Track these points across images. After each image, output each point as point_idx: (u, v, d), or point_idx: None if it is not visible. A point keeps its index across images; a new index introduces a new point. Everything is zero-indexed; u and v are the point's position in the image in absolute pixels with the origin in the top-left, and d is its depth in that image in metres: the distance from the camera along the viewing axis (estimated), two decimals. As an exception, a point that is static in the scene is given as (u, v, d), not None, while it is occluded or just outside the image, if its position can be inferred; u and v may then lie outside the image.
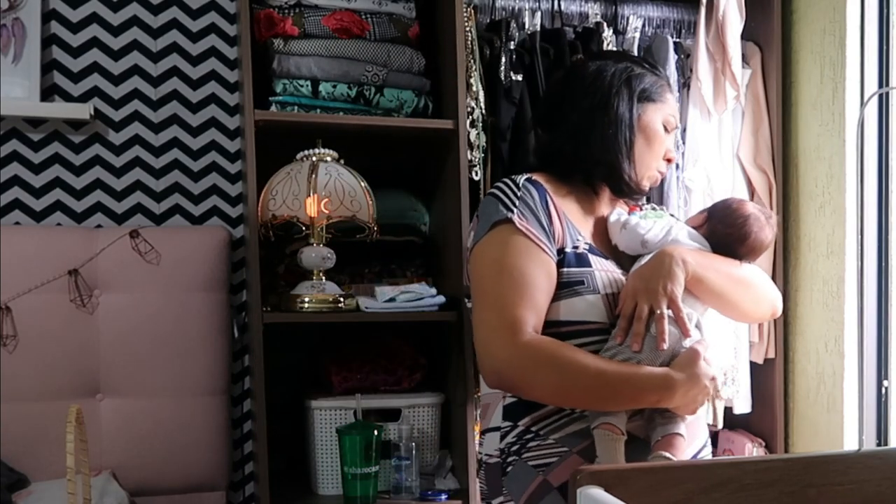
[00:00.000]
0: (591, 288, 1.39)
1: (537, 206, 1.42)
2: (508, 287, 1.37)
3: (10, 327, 2.13)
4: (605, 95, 1.49)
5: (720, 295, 1.46)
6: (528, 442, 1.38)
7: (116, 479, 2.12)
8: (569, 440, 1.37)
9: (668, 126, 1.54)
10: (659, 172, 1.56)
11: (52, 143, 2.31)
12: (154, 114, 2.39)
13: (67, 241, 2.21)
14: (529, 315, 1.35)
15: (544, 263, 1.39)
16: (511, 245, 1.39)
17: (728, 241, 1.50)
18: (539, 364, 1.34)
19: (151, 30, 2.38)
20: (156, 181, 2.39)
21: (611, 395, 1.33)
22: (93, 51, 2.33)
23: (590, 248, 1.45)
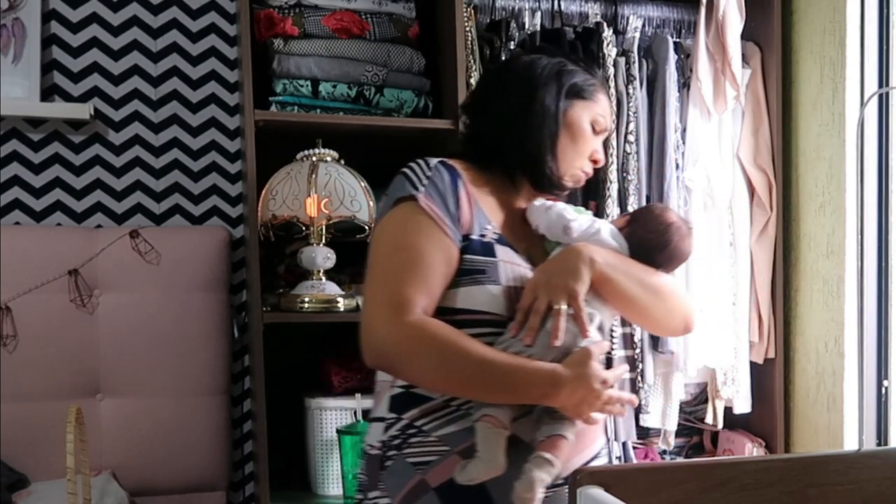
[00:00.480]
0: (493, 278, 1.34)
1: (445, 188, 1.37)
2: (402, 265, 1.32)
3: (10, 327, 2.13)
4: (532, 87, 1.45)
5: (629, 300, 1.40)
6: (410, 437, 1.33)
7: (116, 479, 2.13)
8: (451, 438, 1.31)
9: (597, 126, 1.49)
10: (583, 172, 1.50)
11: (52, 143, 2.31)
12: (154, 114, 2.39)
13: (67, 241, 2.21)
14: (420, 296, 1.30)
15: (445, 246, 1.33)
16: (411, 223, 1.34)
17: (647, 247, 1.45)
18: (420, 345, 1.28)
19: (151, 30, 2.38)
20: (156, 181, 2.39)
21: (492, 385, 1.28)
22: (93, 51, 2.33)
23: (498, 238, 1.39)
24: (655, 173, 2.28)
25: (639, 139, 2.27)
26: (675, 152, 2.29)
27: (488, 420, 1.27)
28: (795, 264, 2.41)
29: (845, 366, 2.24)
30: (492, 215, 1.43)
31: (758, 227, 2.39)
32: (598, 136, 1.50)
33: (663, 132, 2.27)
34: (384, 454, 1.35)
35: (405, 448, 1.33)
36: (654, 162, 2.29)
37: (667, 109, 2.27)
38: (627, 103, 2.25)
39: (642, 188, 2.28)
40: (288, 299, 2.06)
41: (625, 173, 2.25)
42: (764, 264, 2.39)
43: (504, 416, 1.27)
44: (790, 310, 2.42)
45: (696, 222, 2.32)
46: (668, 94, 2.27)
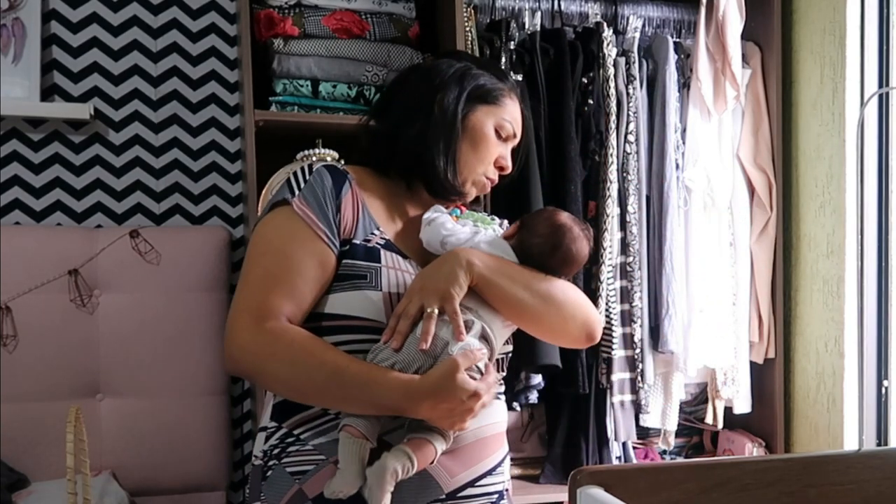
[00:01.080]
0: (373, 284, 1.29)
1: (325, 193, 1.32)
2: (269, 270, 1.29)
3: (10, 327, 2.13)
4: (432, 90, 1.40)
5: (515, 305, 1.34)
6: (288, 446, 1.30)
7: (116, 479, 2.13)
8: (327, 448, 1.27)
9: (503, 131, 1.43)
10: (487, 179, 1.45)
11: (52, 143, 2.31)
12: (154, 114, 2.39)
13: (67, 241, 2.21)
14: (284, 302, 1.27)
15: (318, 252, 1.29)
16: (284, 228, 1.31)
17: (537, 251, 1.38)
18: (274, 354, 1.25)
19: (151, 30, 2.38)
20: (156, 181, 2.39)
21: (347, 396, 1.23)
22: (93, 51, 2.33)
23: (385, 244, 1.35)
24: (655, 173, 2.28)
25: (639, 139, 2.27)
26: (675, 152, 2.29)
27: (348, 430, 1.23)
28: (795, 264, 2.41)
29: (845, 366, 2.24)
30: (382, 220, 1.38)
31: (758, 227, 2.39)
32: (505, 142, 1.45)
33: (663, 132, 2.27)
34: (265, 464, 1.32)
35: (283, 457, 1.30)
36: (654, 162, 2.29)
37: (667, 109, 2.27)
38: (627, 103, 2.25)
39: (642, 188, 2.28)
40: (288, 299, 2.06)
41: (625, 173, 2.25)
42: (764, 264, 2.39)
43: (367, 427, 1.23)
44: (790, 310, 2.42)
45: (696, 222, 2.32)
46: (668, 94, 2.27)
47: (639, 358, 2.26)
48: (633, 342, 2.26)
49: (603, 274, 2.21)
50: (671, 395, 2.34)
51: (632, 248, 2.26)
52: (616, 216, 2.25)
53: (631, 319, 2.26)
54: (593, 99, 2.23)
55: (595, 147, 2.24)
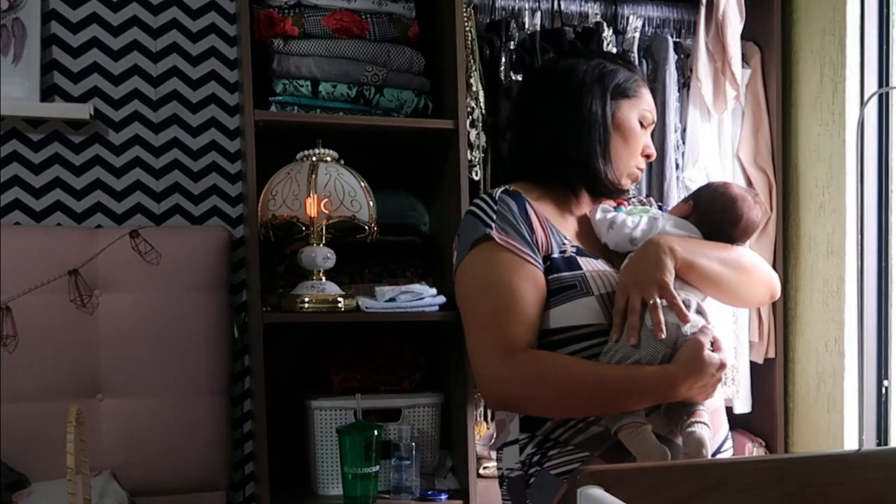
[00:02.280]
0: (584, 290, 1.36)
1: (517, 218, 1.39)
2: (497, 305, 1.35)
3: (10, 327, 2.13)
4: (576, 94, 1.45)
5: (714, 280, 1.41)
6: (548, 451, 1.36)
7: (116, 479, 2.12)
8: (590, 444, 1.34)
9: (645, 122, 1.50)
10: (638, 169, 1.52)
11: (52, 143, 2.31)
12: (154, 114, 2.39)
13: (67, 241, 2.21)
14: (521, 331, 1.33)
15: (531, 275, 1.36)
16: (494, 262, 1.37)
17: (719, 226, 1.47)
18: (536, 382, 1.32)
19: (151, 30, 2.38)
20: (156, 181, 2.39)
21: (613, 401, 1.31)
22: (93, 51, 2.33)
23: (577, 251, 1.41)
24: (655, 173, 2.28)
25: (639, 139, 2.27)
26: (675, 152, 2.29)
27: (627, 428, 1.29)
28: (795, 264, 2.41)
29: (845, 366, 2.24)
30: (564, 229, 1.44)
31: (758, 227, 2.39)
32: (646, 130, 1.51)
33: (663, 132, 2.27)
34: (526, 472, 1.38)
35: (546, 462, 1.36)
36: (654, 162, 2.29)
37: (667, 109, 2.27)
38: (627, 103, 2.25)
39: (642, 188, 2.28)
40: (288, 299, 2.06)
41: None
42: (764, 264, 2.38)
43: (637, 416, 1.31)
44: (790, 310, 2.42)
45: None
46: (668, 94, 2.27)
47: (639, 358, 2.26)
48: (633, 342, 2.26)
49: (603, 274, 2.21)
50: (671, 395, 2.33)
51: (632, 248, 2.25)
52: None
53: (631, 319, 2.26)
54: (593, 99, 2.23)
55: (595, 147, 2.24)
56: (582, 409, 1.33)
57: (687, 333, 1.32)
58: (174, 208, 2.40)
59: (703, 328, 1.34)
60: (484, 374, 1.35)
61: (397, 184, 2.33)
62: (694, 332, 1.33)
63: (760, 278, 1.49)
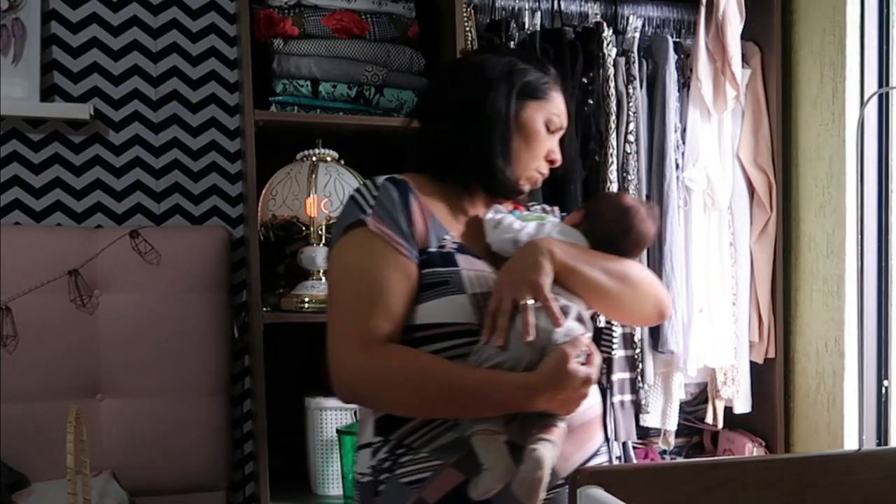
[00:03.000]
0: (457, 288, 1.30)
1: (395, 206, 1.33)
2: (360, 293, 1.29)
3: (10, 327, 2.13)
4: (482, 89, 1.40)
5: (596, 289, 1.36)
6: (400, 457, 1.29)
7: (116, 479, 2.13)
8: (443, 452, 1.27)
9: (552, 125, 1.44)
10: (539, 174, 1.46)
11: (52, 143, 2.31)
12: (154, 114, 2.39)
13: (67, 241, 2.21)
14: (383, 323, 1.27)
15: (402, 266, 1.30)
16: (364, 249, 1.31)
17: (609, 236, 1.41)
18: (389, 378, 1.26)
19: (151, 30, 2.38)
20: (156, 181, 2.39)
21: (467, 405, 1.25)
22: (93, 51, 2.33)
23: (458, 247, 1.35)
24: (655, 173, 2.28)
25: (639, 139, 2.27)
26: (675, 152, 2.29)
27: (481, 434, 1.24)
28: (795, 264, 2.41)
29: (845, 366, 2.24)
30: (449, 225, 1.39)
31: (758, 227, 2.39)
32: (553, 135, 1.46)
33: (663, 132, 2.27)
34: (376, 479, 1.32)
35: (396, 469, 1.29)
36: (654, 162, 2.29)
37: (667, 109, 2.27)
38: (627, 103, 2.25)
39: (642, 188, 2.28)
40: (288, 299, 2.06)
41: (625, 173, 2.25)
42: (764, 264, 2.39)
43: (495, 424, 1.25)
44: (790, 310, 2.42)
45: (696, 222, 2.32)
46: (668, 94, 2.27)
47: (639, 358, 2.26)
48: (633, 342, 2.26)
49: (603, 274, 2.21)
50: (671, 395, 2.33)
51: (632, 248, 2.25)
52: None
53: (631, 319, 2.26)
54: (593, 99, 2.23)
55: (595, 147, 2.24)
56: (434, 409, 1.27)
57: (557, 341, 1.25)
58: (174, 208, 2.40)
59: (575, 339, 1.27)
60: (336, 363, 1.29)
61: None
62: (565, 341, 1.26)
63: (647, 293, 1.43)
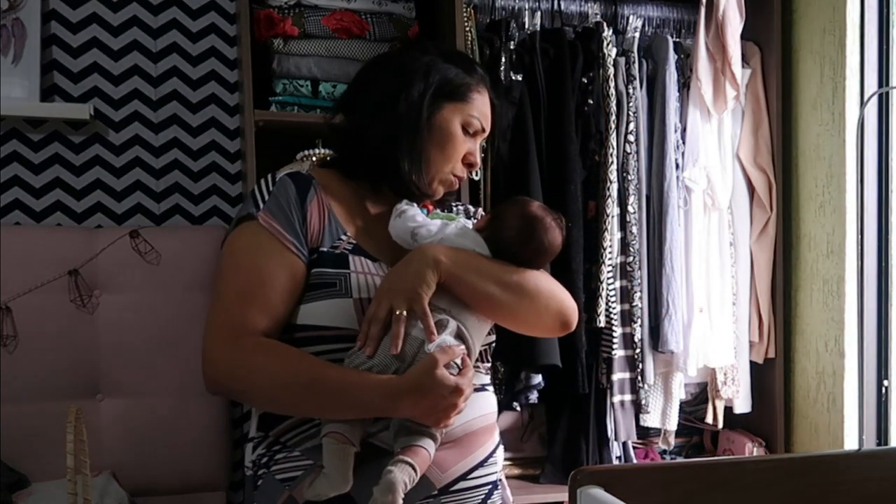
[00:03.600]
0: (343, 291, 1.27)
1: (290, 202, 1.30)
2: (241, 286, 1.27)
3: (10, 327, 2.13)
4: (397, 88, 1.35)
5: (488, 300, 1.31)
6: (275, 454, 1.30)
7: (116, 479, 2.12)
8: (315, 452, 1.25)
9: (470, 128, 1.39)
10: (455, 177, 1.41)
11: (52, 143, 2.31)
12: (154, 114, 2.39)
13: (67, 241, 2.21)
14: (259, 317, 1.26)
15: (288, 263, 1.28)
16: (252, 242, 1.29)
17: (509, 244, 1.35)
18: (252, 370, 1.24)
19: (151, 30, 2.38)
20: (156, 181, 2.39)
21: (325, 404, 1.22)
22: (93, 51, 2.33)
23: (353, 249, 1.32)
24: (655, 173, 2.28)
25: (639, 139, 2.27)
26: (675, 152, 2.29)
27: (333, 436, 1.22)
28: (795, 264, 2.41)
29: (845, 366, 2.24)
30: (348, 224, 1.36)
31: (758, 227, 2.39)
32: (473, 137, 1.41)
33: (663, 132, 2.27)
34: (255, 473, 1.32)
35: (272, 465, 1.30)
36: (654, 162, 2.29)
37: (667, 109, 2.27)
38: (627, 103, 2.25)
39: (642, 188, 2.28)
40: (288, 299, 2.06)
41: (625, 173, 2.25)
42: (764, 264, 2.39)
43: (351, 431, 1.23)
44: (790, 310, 2.42)
45: (696, 222, 2.32)
46: (668, 94, 2.27)
47: (639, 358, 2.26)
48: (633, 342, 2.26)
49: (603, 274, 2.21)
50: (671, 395, 2.34)
51: (632, 248, 2.26)
52: (616, 216, 2.25)
53: (631, 319, 2.26)
54: (593, 99, 2.23)
55: (595, 147, 2.24)
56: (298, 406, 1.26)
57: (429, 351, 1.22)
58: (174, 208, 2.40)
59: (448, 347, 1.24)
60: (206, 353, 1.27)
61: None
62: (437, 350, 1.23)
63: (546, 306, 1.37)
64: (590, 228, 2.23)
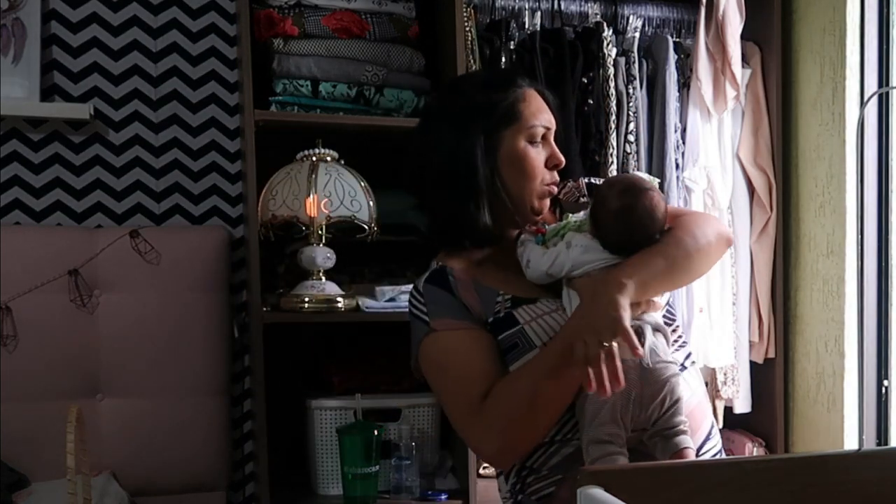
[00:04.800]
0: (526, 346, 1.33)
1: (446, 300, 1.38)
2: (458, 375, 1.35)
3: (10, 327, 2.13)
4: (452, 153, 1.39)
5: (679, 282, 1.37)
6: (526, 478, 1.37)
7: (116, 479, 2.12)
8: (562, 466, 1.33)
9: (536, 137, 1.39)
10: (547, 187, 1.42)
11: (52, 143, 2.31)
12: (154, 114, 2.39)
13: (67, 241, 2.21)
14: (481, 386, 1.32)
15: (479, 336, 1.36)
16: (441, 347, 1.37)
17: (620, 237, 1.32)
18: (497, 412, 1.30)
19: (151, 30, 2.38)
20: (156, 181, 2.39)
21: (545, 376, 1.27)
22: (93, 51, 2.33)
23: (511, 304, 1.36)
24: (655, 173, 2.28)
25: (639, 139, 2.27)
26: (675, 152, 2.29)
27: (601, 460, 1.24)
28: (795, 264, 2.41)
29: (845, 366, 2.24)
30: (496, 283, 1.39)
31: (758, 227, 2.39)
32: (542, 143, 1.42)
33: (663, 132, 2.27)
34: (515, 500, 1.40)
35: (527, 489, 1.36)
36: (654, 162, 2.29)
37: (667, 109, 2.27)
38: (627, 103, 2.25)
39: (642, 188, 2.28)
40: (288, 299, 2.06)
41: (625, 173, 2.25)
42: (764, 264, 2.39)
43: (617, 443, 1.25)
44: (790, 310, 2.42)
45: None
46: (668, 94, 2.28)
47: (639, 358, 2.26)
48: (633, 342, 2.26)
49: (603, 274, 2.21)
50: (671, 395, 2.33)
51: (632, 248, 2.25)
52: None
53: (631, 319, 2.26)
54: (593, 99, 2.23)
55: (595, 147, 2.24)
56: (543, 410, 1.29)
57: (647, 365, 1.26)
58: (174, 208, 2.40)
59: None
60: (474, 443, 1.37)
61: (397, 184, 2.33)
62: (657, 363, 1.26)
63: (709, 245, 1.38)
64: (590, 228, 2.23)
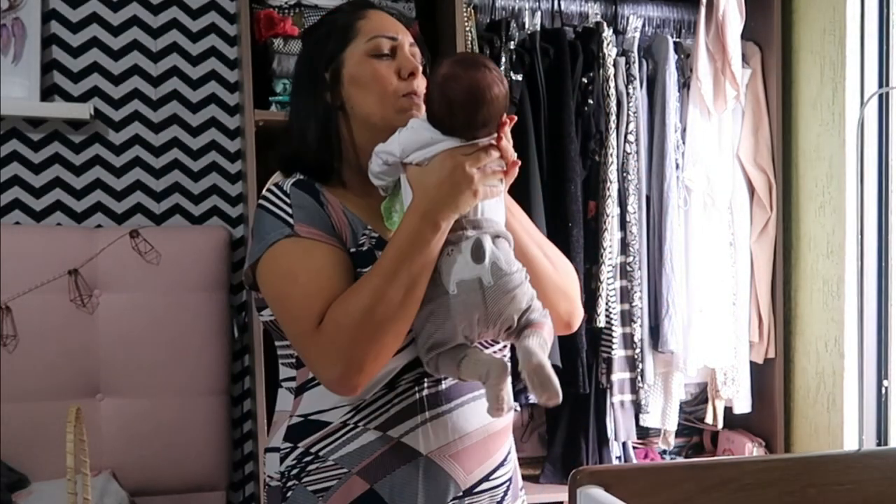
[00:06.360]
0: None
1: (313, 208, 1.27)
2: (305, 290, 1.22)
3: (10, 327, 2.13)
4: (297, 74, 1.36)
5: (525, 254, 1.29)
6: (307, 465, 1.27)
7: (116, 479, 2.13)
8: (348, 460, 1.25)
9: (381, 50, 1.33)
10: (407, 97, 1.31)
11: (52, 143, 2.31)
12: (154, 114, 2.39)
13: (67, 241, 2.21)
14: (327, 305, 1.20)
15: (341, 259, 1.24)
16: (298, 255, 1.24)
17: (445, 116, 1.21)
18: (340, 331, 1.18)
19: (151, 30, 2.38)
20: (156, 181, 2.39)
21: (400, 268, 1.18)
22: (93, 51, 2.33)
23: (376, 243, 1.27)
24: (655, 173, 2.28)
25: (639, 139, 2.27)
26: (675, 152, 2.29)
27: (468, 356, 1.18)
28: (795, 264, 2.41)
29: (845, 366, 2.24)
30: (364, 216, 1.31)
31: (758, 227, 2.39)
32: (391, 55, 1.35)
33: (663, 132, 2.27)
34: (284, 485, 1.30)
35: (304, 477, 1.28)
36: (654, 162, 2.29)
37: (667, 109, 2.27)
38: (627, 103, 2.25)
39: (642, 188, 2.28)
40: (288, 299, 2.05)
41: (625, 173, 2.25)
42: (764, 264, 2.39)
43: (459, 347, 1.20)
44: (790, 310, 2.42)
45: (696, 222, 2.32)
46: (668, 94, 2.27)
47: (639, 358, 2.26)
48: (633, 342, 2.26)
49: (603, 274, 2.21)
50: (671, 395, 2.34)
51: (632, 248, 2.26)
52: (616, 216, 2.25)
53: (631, 319, 2.26)
54: (593, 99, 2.23)
55: (595, 147, 2.24)
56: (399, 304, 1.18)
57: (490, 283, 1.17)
58: (174, 208, 2.40)
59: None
60: (319, 368, 1.22)
61: (397, 184, 2.33)
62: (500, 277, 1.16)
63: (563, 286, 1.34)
64: (590, 228, 2.23)
